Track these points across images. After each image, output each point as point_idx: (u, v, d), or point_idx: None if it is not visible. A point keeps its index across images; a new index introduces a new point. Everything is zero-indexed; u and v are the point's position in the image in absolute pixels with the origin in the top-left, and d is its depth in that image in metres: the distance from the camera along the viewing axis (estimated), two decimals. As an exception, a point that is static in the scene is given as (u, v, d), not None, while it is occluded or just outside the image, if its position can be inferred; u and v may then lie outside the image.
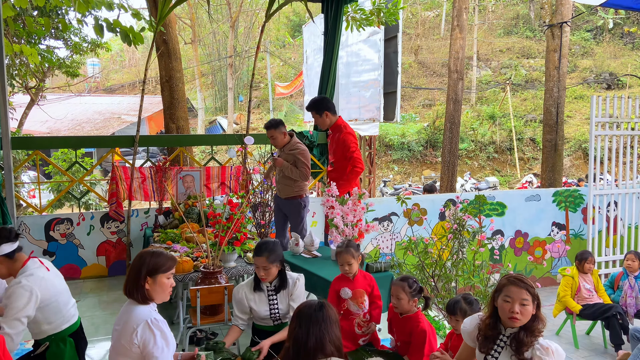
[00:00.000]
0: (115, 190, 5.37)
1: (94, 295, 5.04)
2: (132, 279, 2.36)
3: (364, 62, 6.90)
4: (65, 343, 2.71)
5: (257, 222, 4.94)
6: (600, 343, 5.00)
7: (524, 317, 2.25)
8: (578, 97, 21.72)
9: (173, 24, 7.79)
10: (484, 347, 2.36)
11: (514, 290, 2.28)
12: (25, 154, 7.25)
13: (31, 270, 2.62)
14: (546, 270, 6.68)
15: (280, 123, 4.60)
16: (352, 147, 4.71)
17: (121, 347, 2.30)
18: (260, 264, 2.98)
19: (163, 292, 2.40)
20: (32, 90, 9.53)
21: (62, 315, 2.71)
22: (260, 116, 24.36)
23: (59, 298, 2.70)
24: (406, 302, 2.94)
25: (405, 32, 26.18)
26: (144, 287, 2.34)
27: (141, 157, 11.58)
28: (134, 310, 2.33)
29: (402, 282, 2.97)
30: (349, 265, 3.17)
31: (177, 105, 7.67)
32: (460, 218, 4.27)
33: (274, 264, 2.99)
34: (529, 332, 2.26)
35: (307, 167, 4.56)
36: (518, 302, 2.25)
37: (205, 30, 25.94)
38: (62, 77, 11.28)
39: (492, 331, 2.35)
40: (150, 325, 2.26)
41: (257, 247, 3.03)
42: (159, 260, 2.38)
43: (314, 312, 2.20)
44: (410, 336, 2.92)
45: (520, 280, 2.30)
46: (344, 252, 3.18)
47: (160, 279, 2.37)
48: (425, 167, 19.37)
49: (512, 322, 2.26)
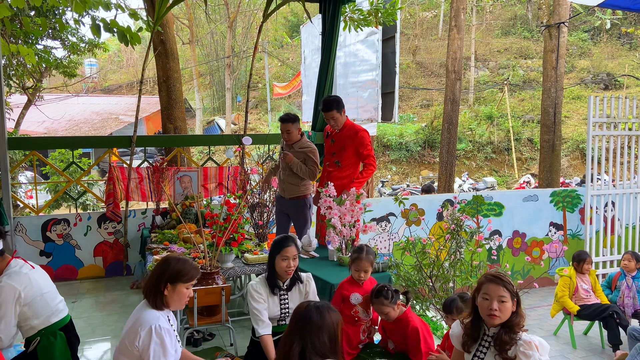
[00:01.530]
0: (113, 191, 5.36)
1: (90, 296, 5.02)
2: (152, 282, 2.35)
3: (361, 62, 6.90)
4: (56, 337, 2.71)
5: (255, 222, 4.93)
6: (598, 343, 5.00)
7: (503, 314, 2.25)
8: (575, 97, 21.76)
9: (171, 24, 7.77)
10: (469, 348, 2.37)
11: (491, 288, 2.28)
12: (22, 155, 7.22)
13: (14, 269, 2.64)
14: (544, 271, 6.68)
15: (297, 119, 4.60)
16: (370, 145, 4.64)
17: (124, 346, 2.29)
18: (291, 254, 2.91)
19: (180, 301, 2.38)
20: (29, 91, 9.50)
21: (50, 309, 2.72)
22: (258, 116, 24.34)
23: (45, 293, 2.71)
24: (392, 312, 2.91)
25: (403, 32, 26.19)
26: (163, 293, 2.33)
27: (139, 157, 11.56)
28: (144, 312, 2.32)
29: (378, 298, 2.91)
30: (365, 272, 3.09)
31: (174, 105, 7.65)
32: (458, 218, 4.26)
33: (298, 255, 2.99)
34: (509, 329, 2.26)
35: (317, 166, 4.58)
36: (496, 300, 2.25)
37: (203, 31, 25.90)
38: (59, 78, 11.25)
39: (475, 331, 2.35)
40: (153, 332, 2.24)
41: (281, 240, 2.96)
42: (182, 268, 2.36)
43: (308, 314, 2.06)
44: (404, 337, 2.91)
45: (497, 278, 2.30)
46: (364, 259, 3.09)
47: (180, 288, 2.35)
48: (423, 168, 19.38)
49: (492, 320, 2.26)
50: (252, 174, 5.55)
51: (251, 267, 3.97)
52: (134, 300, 4.89)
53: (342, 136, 4.72)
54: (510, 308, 2.27)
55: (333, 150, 4.78)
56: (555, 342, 5.07)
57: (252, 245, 4.48)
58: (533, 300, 6.28)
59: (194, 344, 3.78)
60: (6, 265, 2.67)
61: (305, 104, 8.86)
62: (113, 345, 3.97)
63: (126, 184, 5.45)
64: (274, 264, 2.94)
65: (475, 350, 2.34)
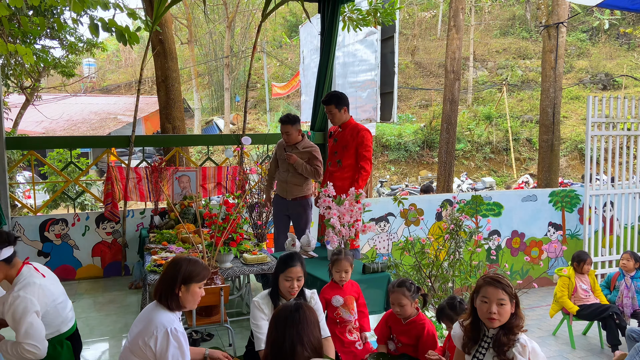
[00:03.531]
0: (111, 191, 5.35)
1: (89, 296, 5.01)
2: (166, 285, 2.35)
3: (360, 62, 6.89)
4: (62, 345, 2.68)
5: (254, 222, 4.92)
6: (597, 343, 5.00)
7: (502, 317, 2.25)
8: (574, 97, 21.79)
9: (169, 23, 7.75)
10: (469, 349, 2.36)
11: (490, 291, 2.27)
12: (20, 154, 7.21)
13: (27, 279, 2.53)
14: (543, 271, 6.68)
15: (298, 120, 4.59)
16: (369, 147, 4.58)
17: (136, 347, 2.27)
18: (295, 275, 2.80)
19: (194, 301, 2.40)
20: (27, 90, 9.48)
21: (61, 318, 2.68)
22: (256, 116, 24.32)
23: (58, 303, 2.66)
24: (409, 306, 2.91)
25: (402, 32, 26.21)
26: (178, 295, 2.34)
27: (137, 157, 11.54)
28: (158, 314, 2.31)
29: (401, 287, 2.91)
30: (346, 272, 3.15)
31: (173, 105, 7.64)
32: (456, 218, 4.26)
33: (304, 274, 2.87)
34: (508, 331, 2.26)
35: (321, 165, 4.58)
36: (495, 303, 2.24)
37: (202, 30, 25.89)
38: (57, 77, 11.23)
39: (474, 332, 2.35)
40: (170, 335, 2.24)
41: (287, 258, 2.85)
42: (195, 269, 2.38)
43: (289, 314, 2.10)
44: (416, 339, 2.91)
45: (496, 281, 2.28)
46: (343, 259, 3.14)
47: (194, 288, 2.37)
48: (422, 168, 19.39)
49: (491, 323, 2.26)
50: (250, 174, 5.54)
51: (250, 267, 3.96)
52: (133, 300, 4.88)
53: (344, 135, 4.67)
54: (509, 310, 2.26)
55: (335, 149, 4.75)
56: (554, 342, 5.07)
57: (251, 245, 4.47)
58: (532, 300, 6.28)
59: (192, 344, 3.76)
60: (17, 273, 2.56)
61: (304, 104, 8.86)
62: (111, 345, 3.96)
63: (124, 184, 5.44)
64: (278, 281, 2.86)
65: (475, 352, 2.34)
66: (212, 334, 3.99)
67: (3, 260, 2.52)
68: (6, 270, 2.55)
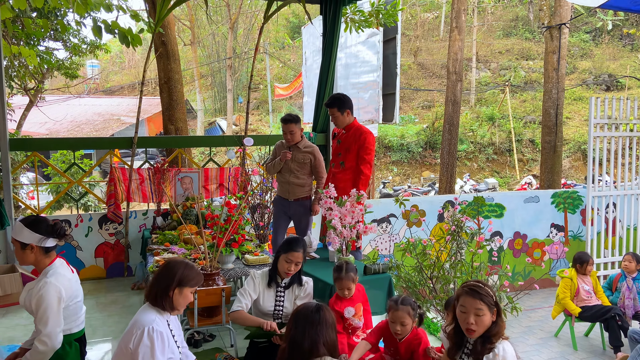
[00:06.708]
0: (114, 192, 5.36)
1: (91, 297, 5.02)
2: (161, 286, 2.39)
3: (362, 63, 6.90)
4: (71, 346, 2.71)
5: (256, 223, 4.93)
6: (599, 345, 5.00)
7: (480, 327, 2.22)
8: (577, 98, 21.74)
9: (172, 25, 7.78)
10: (453, 354, 2.37)
11: (468, 301, 2.24)
12: (24, 156, 7.24)
13: (58, 270, 2.63)
14: (545, 272, 6.67)
15: (299, 119, 4.63)
16: (371, 150, 4.59)
17: (119, 349, 2.30)
18: (295, 260, 3.01)
19: (184, 304, 2.47)
20: (31, 92, 9.52)
21: (76, 318, 2.72)
22: (259, 117, 24.35)
23: (78, 301, 2.72)
24: (410, 326, 2.83)
25: (404, 33, 26.22)
26: (171, 297, 2.38)
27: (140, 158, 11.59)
28: (142, 314, 2.35)
29: (405, 305, 2.80)
30: (349, 290, 3.11)
31: (175, 106, 7.66)
32: (458, 219, 4.26)
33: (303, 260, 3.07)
34: (486, 339, 2.24)
35: (324, 164, 4.66)
36: (473, 313, 2.22)
37: (205, 32, 25.94)
38: (61, 79, 11.27)
39: (457, 338, 2.35)
40: (145, 334, 2.25)
41: (292, 242, 3.04)
42: (190, 274, 2.44)
43: (310, 314, 2.21)
44: (411, 354, 2.88)
45: (475, 291, 2.25)
46: (344, 278, 3.09)
47: (186, 292, 2.43)
48: (425, 169, 19.37)
49: (469, 334, 2.24)
50: (253, 175, 5.55)
51: (251, 268, 3.97)
52: (135, 301, 4.89)
53: (347, 137, 4.70)
54: (489, 320, 2.23)
55: (339, 151, 4.78)
56: (556, 344, 5.07)
57: (253, 247, 4.48)
58: (534, 301, 6.28)
59: (194, 345, 3.78)
60: (50, 263, 2.64)
61: (306, 105, 8.87)
62: (114, 346, 3.97)
63: (127, 185, 5.46)
64: (278, 260, 3.05)
65: (459, 358, 2.34)
66: (213, 334, 4.00)
67: (43, 248, 2.60)
68: (41, 258, 2.63)
